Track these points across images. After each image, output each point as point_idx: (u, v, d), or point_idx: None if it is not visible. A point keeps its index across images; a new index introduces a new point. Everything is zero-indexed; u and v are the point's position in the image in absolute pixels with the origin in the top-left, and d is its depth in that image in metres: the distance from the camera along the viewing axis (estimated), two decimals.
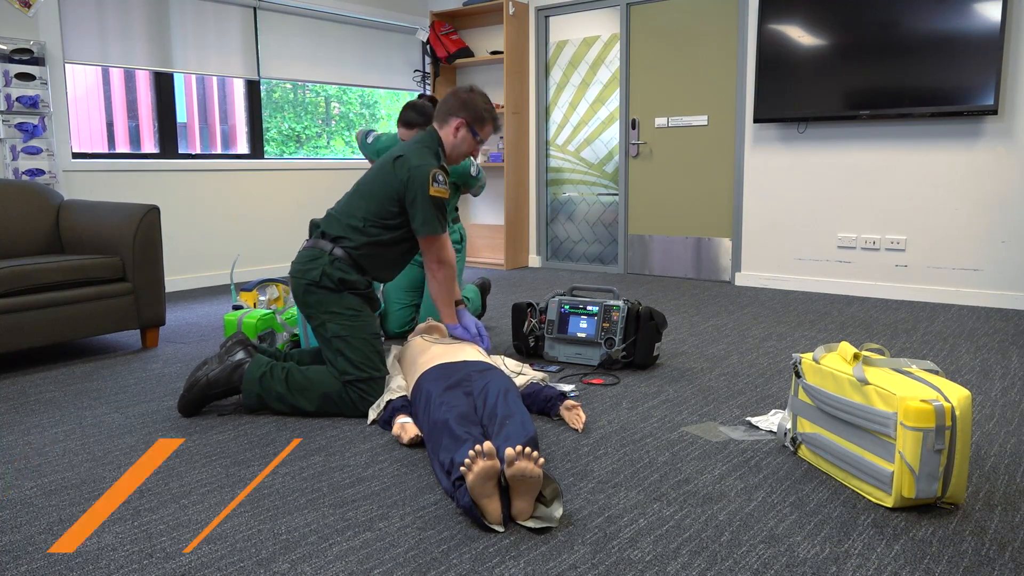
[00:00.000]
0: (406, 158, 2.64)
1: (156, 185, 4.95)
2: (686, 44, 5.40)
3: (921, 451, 1.76)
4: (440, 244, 2.68)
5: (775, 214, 5.07)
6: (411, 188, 2.61)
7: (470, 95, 2.76)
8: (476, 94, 2.77)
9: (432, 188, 2.59)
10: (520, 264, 6.33)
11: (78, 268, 3.26)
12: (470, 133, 2.76)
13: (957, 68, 4.24)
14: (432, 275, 2.71)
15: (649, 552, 1.67)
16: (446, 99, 2.79)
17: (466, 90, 2.78)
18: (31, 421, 2.56)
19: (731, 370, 3.11)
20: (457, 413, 2.10)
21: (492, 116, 2.79)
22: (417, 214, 2.62)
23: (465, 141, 2.77)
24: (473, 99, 2.76)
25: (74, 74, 4.68)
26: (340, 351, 2.54)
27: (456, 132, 2.76)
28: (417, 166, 2.61)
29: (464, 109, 2.74)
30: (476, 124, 2.76)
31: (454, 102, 2.76)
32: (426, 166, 2.61)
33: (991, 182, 4.33)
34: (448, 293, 2.73)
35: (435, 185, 2.60)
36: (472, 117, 2.75)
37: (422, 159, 2.63)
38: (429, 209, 2.61)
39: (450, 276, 2.71)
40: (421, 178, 2.59)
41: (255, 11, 5.39)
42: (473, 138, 2.78)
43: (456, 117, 2.75)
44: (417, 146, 2.71)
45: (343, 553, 1.65)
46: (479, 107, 2.75)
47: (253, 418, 2.55)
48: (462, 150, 2.79)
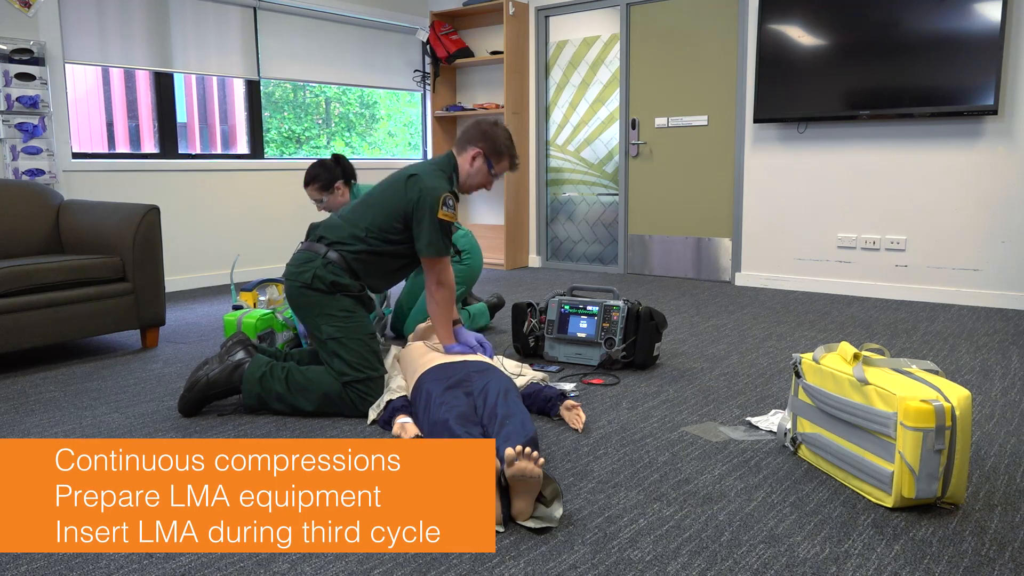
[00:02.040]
0: (420, 178, 2.63)
1: (156, 185, 4.95)
2: (686, 44, 5.40)
3: (921, 451, 1.76)
4: (442, 266, 2.67)
5: (775, 214, 5.07)
6: (420, 208, 2.60)
7: (493, 128, 2.76)
8: (500, 128, 2.77)
9: (441, 211, 2.58)
10: (520, 264, 6.33)
11: (78, 268, 3.26)
12: (486, 164, 2.75)
13: (957, 68, 4.24)
14: (431, 296, 2.70)
15: (649, 552, 1.67)
16: (469, 128, 2.79)
17: (491, 123, 2.78)
18: (31, 421, 2.56)
19: (731, 370, 3.11)
20: (457, 413, 2.10)
21: (511, 153, 2.77)
22: (423, 235, 2.61)
23: (480, 172, 2.76)
24: (495, 132, 2.75)
25: (74, 74, 4.68)
26: (336, 353, 2.54)
27: (472, 161, 2.75)
28: (430, 188, 2.60)
29: (484, 140, 2.73)
30: (493, 156, 2.75)
31: (475, 132, 2.75)
32: (438, 189, 2.60)
33: (991, 182, 4.33)
34: (446, 315, 2.72)
35: (444, 209, 2.59)
36: (490, 149, 2.74)
37: (435, 181, 2.62)
38: (435, 232, 2.60)
39: (449, 298, 2.70)
40: (431, 200, 2.58)
41: (255, 11, 5.39)
42: (488, 170, 2.76)
43: (474, 147, 2.74)
44: (433, 168, 2.70)
45: (343, 553, 1.65)
46: (499, 141, 2.74)
47: (253, 418, 2.55)
48: (475, 180, 2.78)
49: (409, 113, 6.79)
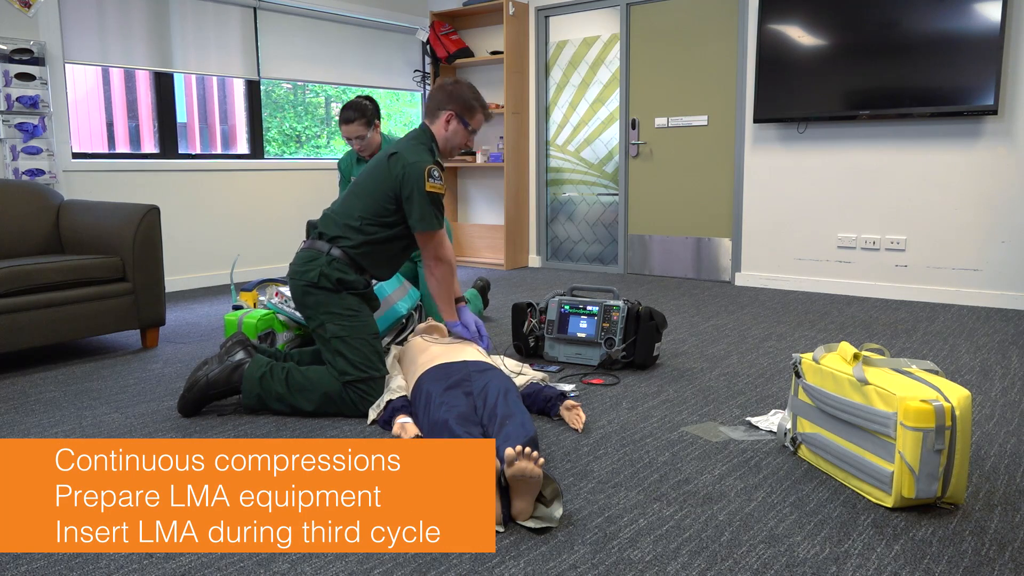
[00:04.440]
0: (400, 155, 2.63)
1: (156, 185, 4.95)
2: (686, 44, 5.40)
3: (921, 451, 1.76)
4: (438, 240, 2.67)
5: (775, 214, 5.07)
6: (407, 184, 2.59)
7: (456, 86, 2.75)
8: (462, 84, 2.76)
9: (428, 184, 2.58)
10: (520, 264, 6.33)
11: (78, 268, 3.26)
12: (461, 124, 2.74)
13: (957, 68, 4.24)
14: (430, 272, 2.71)
15: (649, 552, 1.67)
16: (432, 94, 2.78)
17: (451, 82, 2.77)
18: (31, 421, 2.56)
19: (731, 370, 3.11)
20: (457, 413, 2.10)
21: (481, 104, 2.76)
22: (414, 210, 2.61)
23: (457, 133, 2.75)
24: (459, 89, 2.74)
25: (74, 74, 4.68)
26: (339, 351, 2.54)
27: (447, 125, 2.74)
28: (412, 163, 2.60)
29: (452, 101, 2.72)
30: (466, 114, 2.74)
31: (441, 96, 2.74)
32: (421, 162, 2.60)
33: (991, 182, 4.33)
34: (447, 290, 2.72)
35: (431, 181, 2.59)
36: (461, 107, 2.73)
37: (417, 155, 2.62)
38: (426, 205, 2.60)
39: (448, 272, 2.71)
40: (417, 174, 2.58)
41: (255, 11, 5.39)
42: (464, 128, 2.75)
43: (445, 110, 2.73)
44: (411, 143, 2.70)
45: (343, 553, 1.65)
46: (466, 96, 2.73)
47: (253, 418, 2.55)
48: (455, 142, 2.77)
49: (409, 113, 6.79)
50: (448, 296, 2.74)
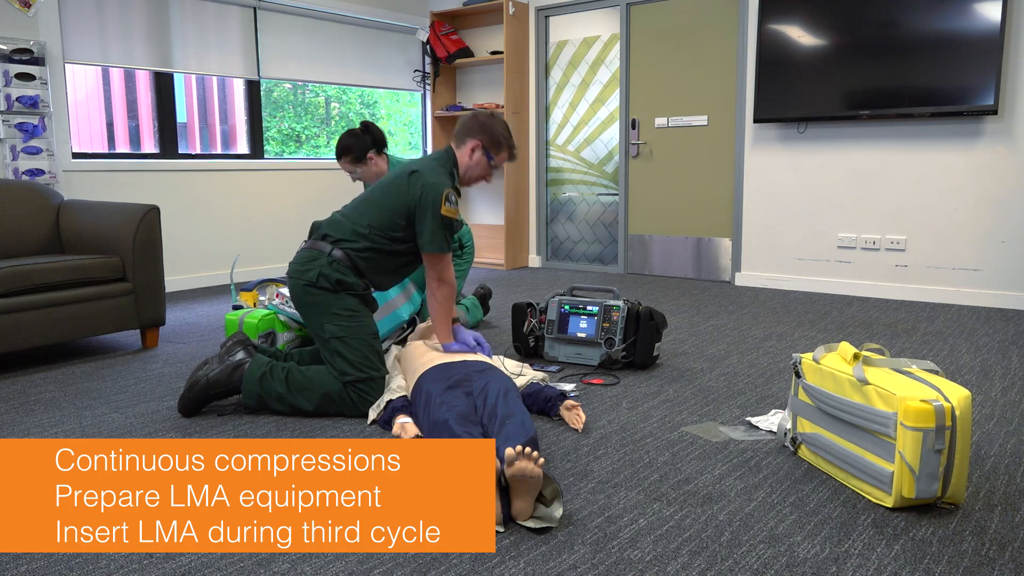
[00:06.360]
0: (421, 174, 2.63)
1: (156, 185, 4.95)
2: (686, 44, 5.40)
3: (921, 451, 1.76)
4: (444, 264, 2.67)
5: (775, 214, 5.07)
6: (423, 204, 2.60)
7: (490, 119, 2.76)
8: (496, 119, 2.77)
9: (444, 207, 2.58)
10: (520, 264, 6.33)
11: (78, 268, 3.26)
12: (485, 156, 2.75)
13: (957, 68, 4.24)
14: (432, 293, 2.70)
15: (649, 552, 1.67)
16: (465, 120, 2.79)
17: (487, 114, 2.78)
18: (31, 421, 2.56)
19: (731, 370, 3.11)
20: (457, 413, 2.10)
21: (509, 144, 2.78)
22: (425, 230, 2.61)
23: (480, 164, 2.76)
24: (492, 124, 2.75)
25: (74, 74, 4.68)
26: (338, 352, 2.54)
27: (472, 153, 2.75)
28: (432, 184, 2.60)
29: (482, 132, 2.73)
30: (492, 148, 2.75)
31: (474, 124, 2.75)
32: (440, 184, 2.60)
33: (991, 182, 4.33)
34: (446, 313, 2.72)
35: (447, 204, 2.59)
36: (489, 140, 2.74)
37: (437, 177, 2.62)
38: (438, 227, 2.60)
39: (449, 296, 2.70)
40: (434, 195, 2.58)
41: (255, 11, 5.39)
42: (488, 162, 2.76)
43: (473, 139, 2.74)
44: (433, 163, 2.70)
45: (343, 553, 1.65)
46: (497, 132, 2.75)
47: (253, 418, 2.55)
48: (475, 172, 2.78)
49: (409, 113, 6.79)
50: (446, 318, 2.73)
